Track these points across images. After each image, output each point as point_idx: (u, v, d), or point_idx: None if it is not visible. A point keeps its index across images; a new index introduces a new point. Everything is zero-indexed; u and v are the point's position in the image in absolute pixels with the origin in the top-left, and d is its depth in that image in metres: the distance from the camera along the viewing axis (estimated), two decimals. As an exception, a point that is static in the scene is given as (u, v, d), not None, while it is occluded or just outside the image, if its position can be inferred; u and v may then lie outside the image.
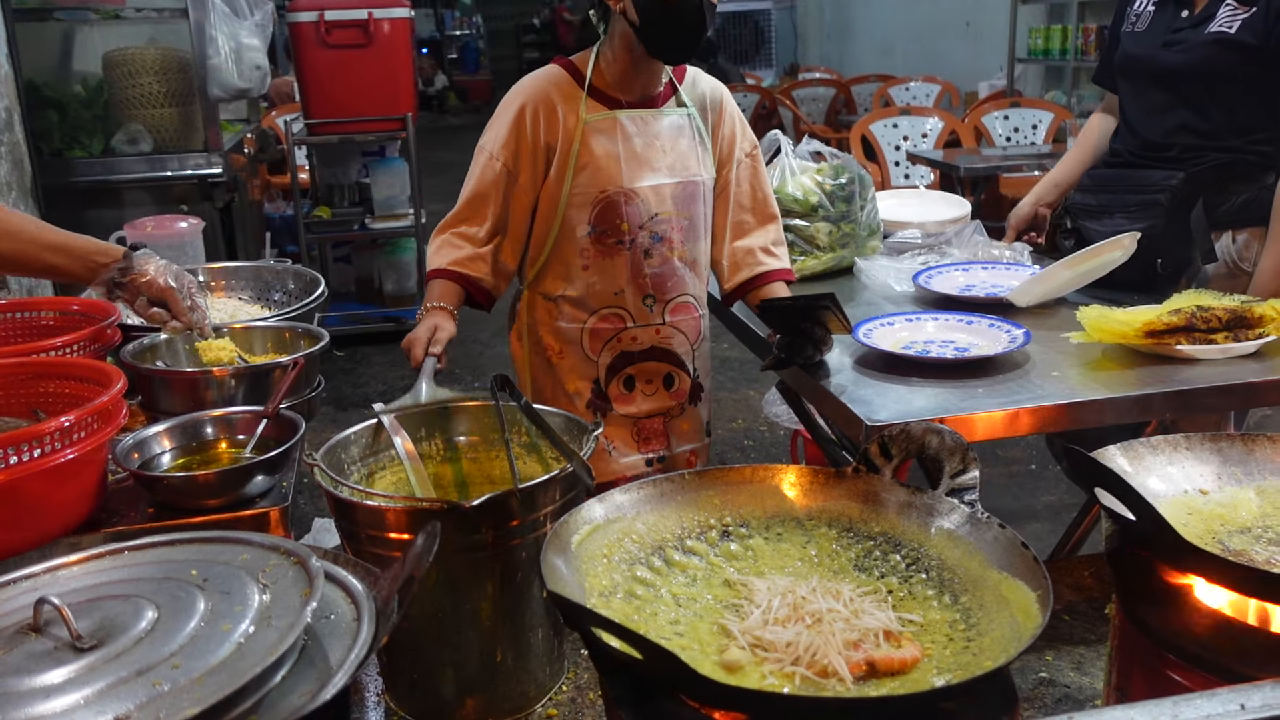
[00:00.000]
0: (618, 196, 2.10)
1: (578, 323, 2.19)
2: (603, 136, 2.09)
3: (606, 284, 2.16)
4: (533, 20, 21.77)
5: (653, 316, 2.20)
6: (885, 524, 1.34)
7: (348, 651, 1.01)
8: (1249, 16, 2.36)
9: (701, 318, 2.29)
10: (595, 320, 2.18)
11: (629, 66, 2.09)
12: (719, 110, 2.23)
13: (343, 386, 5.07)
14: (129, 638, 0.98)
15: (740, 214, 2.27)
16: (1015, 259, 2.60)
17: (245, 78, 3.99)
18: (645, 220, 2.12)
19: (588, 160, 2.08)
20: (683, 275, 2.21)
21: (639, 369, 2.22)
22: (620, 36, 2.06)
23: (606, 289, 2.16)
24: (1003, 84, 8.00)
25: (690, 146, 2.17)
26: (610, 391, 2.23)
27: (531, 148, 2.09)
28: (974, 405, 1.82)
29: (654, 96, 2.15)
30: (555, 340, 2.22)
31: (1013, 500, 3.66)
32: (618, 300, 2.17)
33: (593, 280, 2.15)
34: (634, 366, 2.22)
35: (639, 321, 2.19)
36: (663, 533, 1.31)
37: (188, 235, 2.67)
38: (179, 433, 1.69)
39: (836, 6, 11.94)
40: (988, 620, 1.16)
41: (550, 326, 2.21)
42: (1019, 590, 1.15)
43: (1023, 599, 1.13)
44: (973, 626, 1.17)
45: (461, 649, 1.55)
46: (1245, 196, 2.45)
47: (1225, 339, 1.95)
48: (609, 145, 2.09)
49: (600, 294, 2.16)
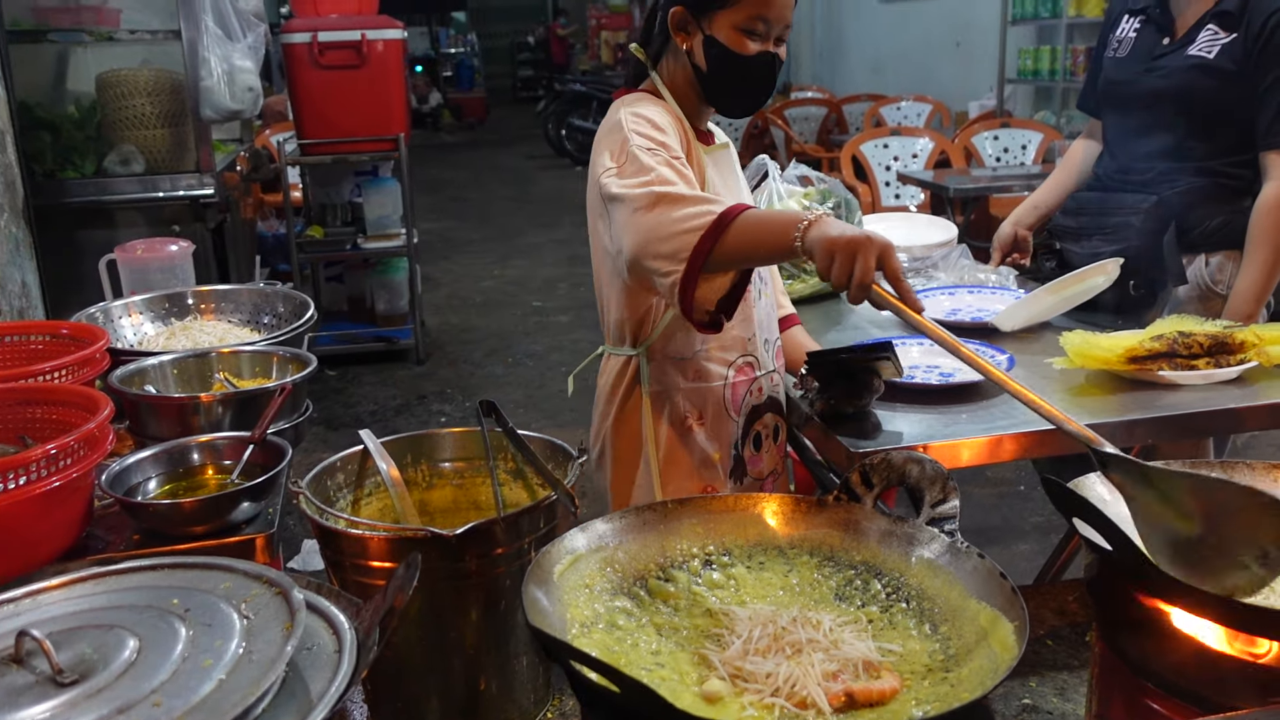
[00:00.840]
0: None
1: (719, 380, 1.89)
2: (715, 171, 1.90)
3: (743, 329, 1.90)
4: (527, 38, 21.89)
5: (769, 362, 1.97)
6: (866, 553, 1.35)
7: (329, 684, 1.02)
8: (1228, 42, 2.39)
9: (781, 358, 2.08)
10: (734, 372, 1.91)
11: (694, 106, 1.90)
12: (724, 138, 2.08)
13: (334, 406, 5.07)
14: (110, 672, 0.98)
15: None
16: (1001, 283, 2.62)
17: (238, 99, 4.00)
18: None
19: (715, 193, 1.83)
20: (775, 313, 2.05)
21: (762, 423, 1.97)
22: (684, 75, 1.87)
23: (742, 335, 1.90)
24: (993, 104, 8.04)
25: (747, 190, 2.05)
26: (745, 454, 1.95)
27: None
28: (958, 431, 1.83)
29: (710, 135, 1.98)
30: (694, 405, 1.90)
31: (1001, 521, 3.67)
32: (751, 345, 1.92)
33: (731, 327, 1.81)
34: (759, 421, 1.96)
35: (763, 369, 1.95)
36: (645, 562, 1.32)
37: (178, 259, 2.67)
38: (165, 459, 1.70)
39: (828, 26, 12.01)
40: (966, 651, 1.17)
41: (686, 391, 1.89)
42: (997, 621, 1.16)
43: (1000, 630, 1.14)
44: (951, 657, 1.17)
45: (446, 676, 1.56)
46: (1220, 219, 2.47)
47: (1207, 365, 1.97)
48: (723, 180, 1.91)
49: (738, 341, 1.90)
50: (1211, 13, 2.43)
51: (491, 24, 22.14)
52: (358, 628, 1.11)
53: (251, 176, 5.19)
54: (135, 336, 2.36)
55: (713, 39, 1.79)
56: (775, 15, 1.78)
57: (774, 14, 1.77)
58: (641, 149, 1.67)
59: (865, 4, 10.90)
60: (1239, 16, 2.37)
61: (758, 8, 1.76)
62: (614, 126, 1.76)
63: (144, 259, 2.63)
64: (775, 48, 1.82)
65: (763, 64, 1.80)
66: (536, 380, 5.34)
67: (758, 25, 1.77)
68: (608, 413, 1.94)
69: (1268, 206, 2.36)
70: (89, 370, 1.90)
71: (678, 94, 1.88)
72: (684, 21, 1.82)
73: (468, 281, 7.58)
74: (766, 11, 1.76)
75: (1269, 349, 1.99)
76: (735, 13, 1.77)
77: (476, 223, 9.83)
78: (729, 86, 1.84)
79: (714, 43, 1.79)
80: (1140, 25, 2.58)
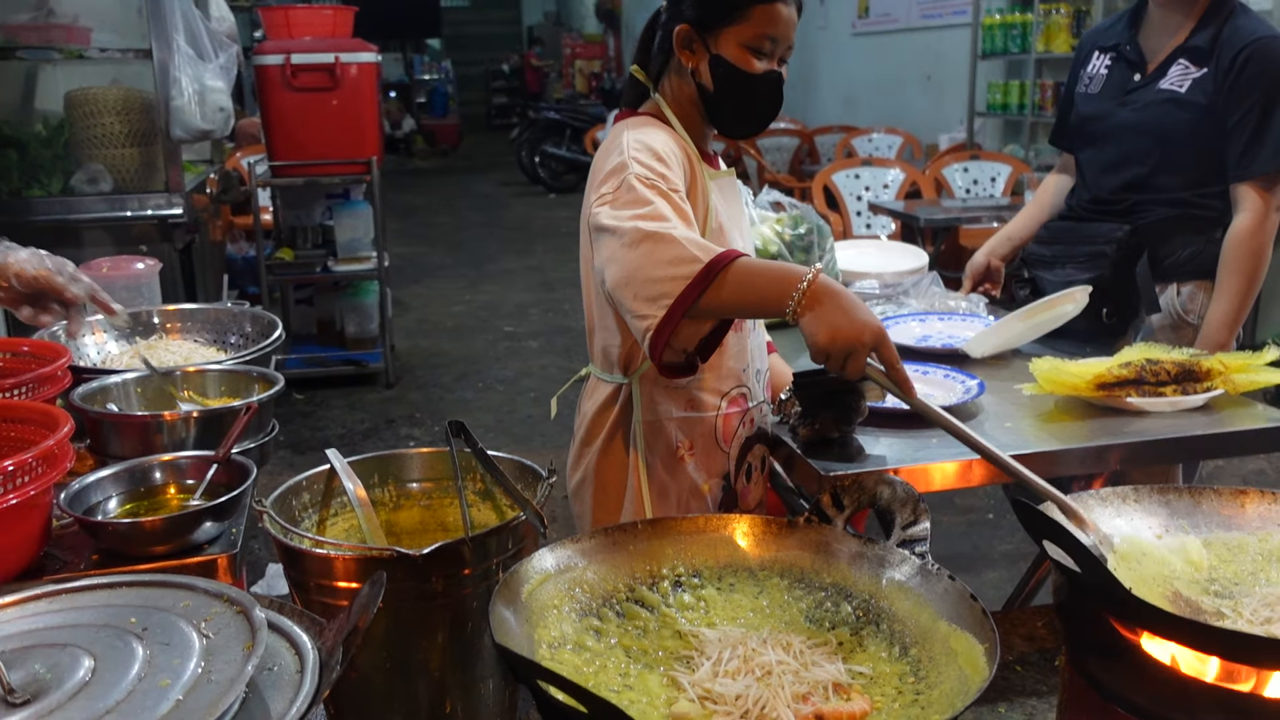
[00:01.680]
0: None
1: (711, 410, 1.86)
2: (719, 198, 1.85)
3: (738, 360, 1.88)
4: (502, 66, 21.98)
5: (760, 393, 1.95)
6: (837, 574, 1.34)
7: (289, 704, 1.00)
8: (1199, 77, 2.43)
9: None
10: (727, 404, 1.87)
11: (698, 127, 1.86)
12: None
13: (301, 430, 5.02)
14: (64, 692, 0.95)
15: None
16: (971, 310, 2.64)
17: (208, 119, 3.98)
18: None
19: (719, 222, 1.82)
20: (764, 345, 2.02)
21: (753, 454, 1.95)
22: (688, 95, 1.83)
23: (737, 366, 1.88)
24: (963, 136, 8.14)
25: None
26: (736, 487, 1.93)
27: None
28: (928, 455, 1.84)
29: (716, 158, 1.94)
30: (686, 435, 1.86)
31: (970, 548, 3.68)
32: (744, 377, 1.89)
33: (725, 356, 1.85)
34: (750, 453, 1.94)
35: (754, 400, 1.92)
36: (614, 583, 1.31)
37: (144, 277, 2.64)
38: (126, 478, 1.66)
39: (801, 58, 12.10)
40: (936, 673, 1.16)
41: (679, 420, 1.86)
42: (967, 643, 1.15)
43: (971, 652, 1.14)
44: (922, 679, 1.17)
45: (411, 700, 1.53)
46: (1192, 249, 2.50)
47: (1174, 392, 1.98)
48: (726, 207, 1.87)
49: (733, 373, 1.87)
50: (1182, 48, 2.47)
51: (466, 51, 22.21)
52: (320, 647, 1.09)
53: (221, 198, 5.16)
54: (99, 355, 2.32)
55: (719, 57, 1.76)
56: (782, 33, 1.76)
57: (781, 31, 1.76)
58: (639, 179, 1.60)
59: (838, 37, 11.03)
60: (1209, 51, 2.42)
61: (766, 25, 1.74)
62: (615, 150, 1.70)
63: (109, 276, 2.59)
64: (780, 66, 1.81)
65: (770, 82, 1.78)
66: (506, 405, 5.31)
67: (765, 44, 1.75)
68: (592, 439, 1.90)
69: (1239, 238, 2.40)
70: (50, 388, 1.86)
71: (681, 115, 1.85)
72: (689, 39, 1.79)
73: (438, 306, 7.55)
74: (774, 29, 1.75)
75: (1235, 377, 2.01)
76: (743, 30, 1.74)
77: (448, 248, 9.81)
78: (736, 106, 1.80)
79: (721, 61, 1.76)
80: (1111, 62, 2.62)
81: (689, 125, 1.84)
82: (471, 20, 23.13)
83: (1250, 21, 2.44)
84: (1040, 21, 7.36)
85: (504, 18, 23.50)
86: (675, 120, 1.83)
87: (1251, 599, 1.26)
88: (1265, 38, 2.39)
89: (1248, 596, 1.27)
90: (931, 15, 9.19)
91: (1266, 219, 2.40)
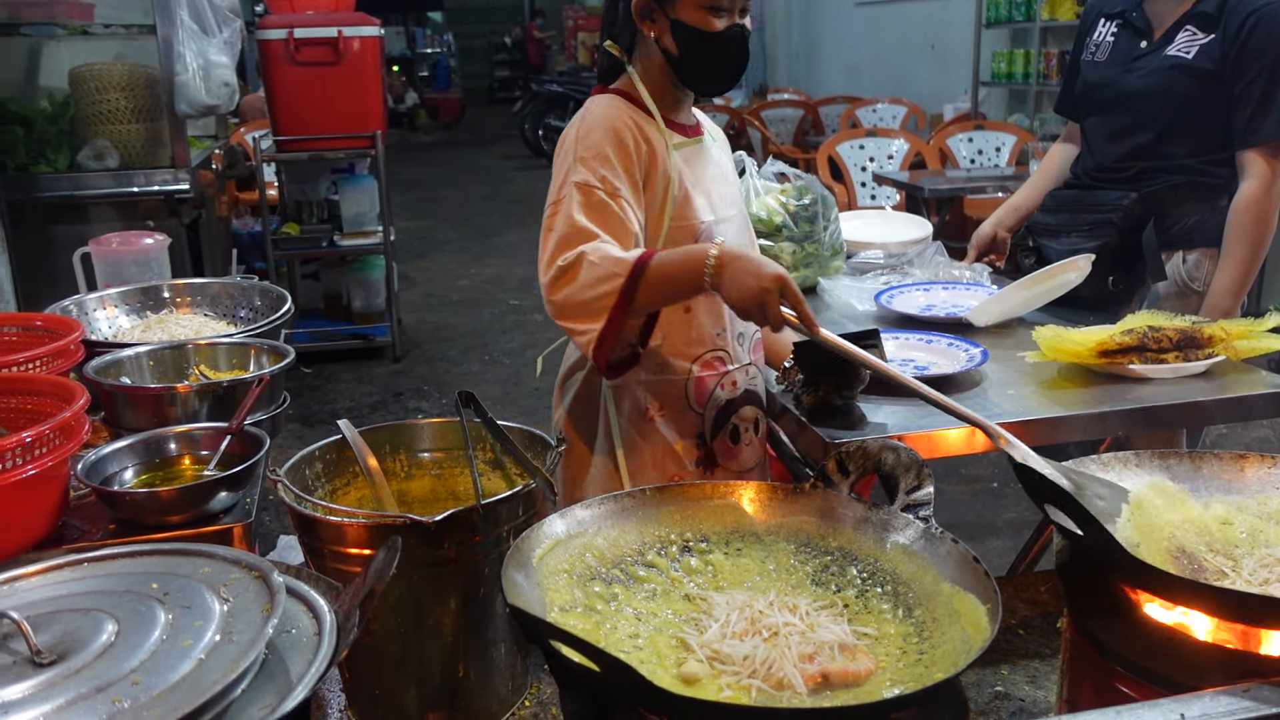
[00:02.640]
0: (713, 228, 1.88)
1: (681, 374, 1.89)
2: (688, 166, 1.88)
3: (711, 323, 1.90)
4: (504, 39, 21.86)
5: (744, 356, 1.97)
6: (842, 539, 1.37)
7: (308, 665, 1.02)
8: (1207, 43, 2.42)
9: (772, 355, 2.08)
10: (699, 367, 1.90)
11: (672, 95, 1.90)
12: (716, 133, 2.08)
13: (310, 404, 5.05)
14: (89, 653, 0.98)
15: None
16: (975, 279, 2.65)
17: (213, 94, 3.98)
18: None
19: (684, 190, 1.85)
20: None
21: (739, 417, 1.96)
22: (657, 63, 1.87)
23: (710, 329, 1.90)
24: (967, 106, 8.11)
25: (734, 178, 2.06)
26: (716, 446, 1.95)
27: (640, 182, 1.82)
28: (932, 423, 1.85)
29: (695, 126, 1.98)
30: (655, 396, 1.91)
31: (975, 516, 3.70)
32: (720, 340, 1.92)
33: (696, 322, 1.89)
34: (736, 415, 1.95)
35: (735, 362, 1.95)
36: (623, 548, 1.33)
37: (154, 252, 2.66)
38: (142, 449, 1.69)
39: (805, 29, 12.06)
40: (940, 633, 1.18)
41: (647, 382, 1.90)
42: (970, 603, 1.18)
43: (974, 612, 1.16)
44: (926, 639, 1.19)
45: (424, 664, 1.56)
46: (1198, 217, 2.50)
47: (1176, 359, 2.00)
48: (697, 174, 1.90)
49: (704, 336, 1.90)
50: (1189, 14, 2.46)
51: (468, 24, 22.09)
52: (337, 611, 1.11)
53: (227, 173, 5.16)
54: (110, 330, 2.34)
55: (679, 22, 1.79)
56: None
57: None
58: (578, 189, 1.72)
59: (841, 7, 10.96)
60: (1217, 18, 2.41)
61: None
62: (566, 150, 1.80)
63: (119, 252, 2.61)
64: (741, 19, 1.81)
65: (732, 37, 1.80)
66: (513, 378, 5.33)
67: (722, 1, 1.77)
68: (561, 400, 1.98)
69: (1245, 205, 2.40)
70: (63, 362, 1.88)
71: (654, 85, 1.87)
72: (648, 9, 1.82)
73: (444, 280, 7.56)
74: None
75: (1236, 344, 2.03)
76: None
77: (453, 222, 9.81)
78: (704, 67, 1.83)
79: (681, 25, 1.79)
80: (1118, 29, 2.61)
81: (663, 93, 1.87)
82: (474, -8, 23.02)
83: (1258, -14, 2.43)
84: (1045, -11, 7.31)
85: (506, -10, 23.38)
86: (645, 93, 1.86)
87: (1251, 560, 1.28)
88: (1274, 3, 2.38)
89: (1248, 557, 1.29)
90: (936, -16, 9.14)
91: (1273, 186, 2.40)
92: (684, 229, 1.84)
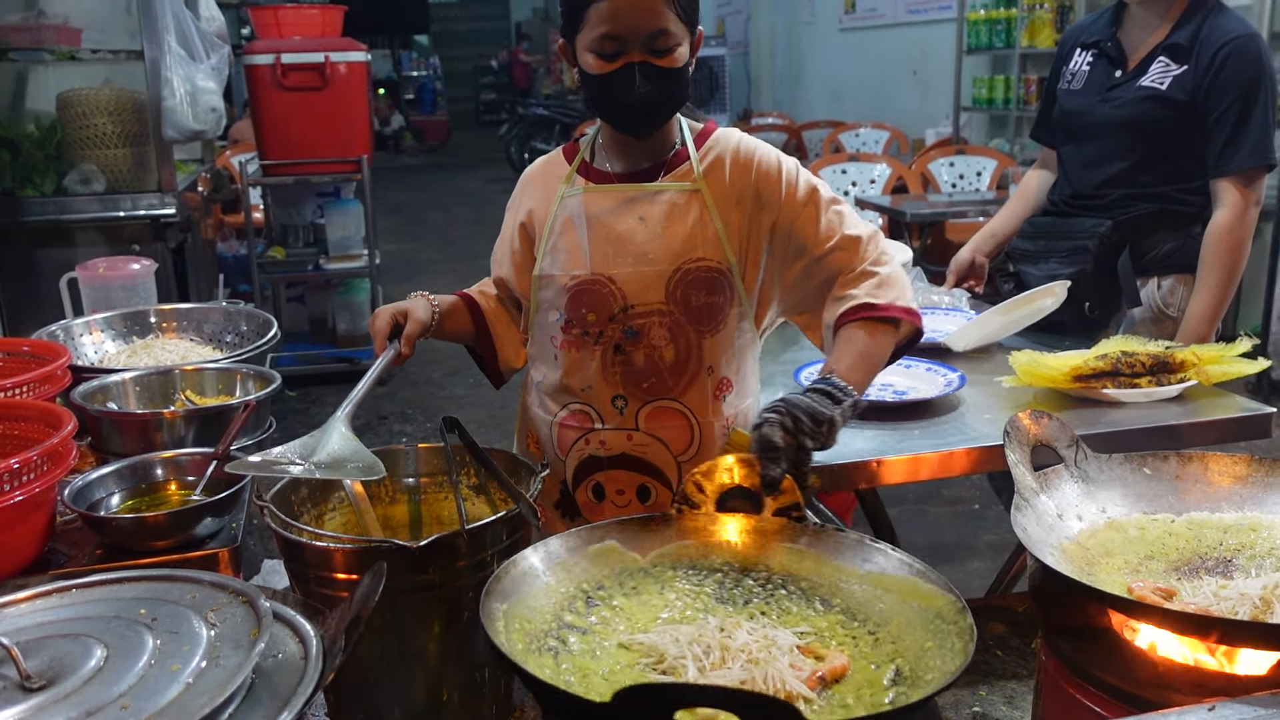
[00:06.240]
0: (586, 285, 1.80)
1: (549, 414, 1.91)
2: (574, 217, 1.81)
3: (575, 378, 1.85)
4: (490, 62, 21.97)
5: (624, 420, 1.85)
6: (725, 554, 1.39)
7: (294, 690, 1.04)
8: (1180, 74, 2.48)
9: (696, 427, 1.84)
10: (565, 414, 1.88)
11: (615, 137, 1.83)
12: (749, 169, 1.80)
13: (295, 427, 5.02)
14: (78, 677, 1.00)
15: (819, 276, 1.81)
16: (954, 304, 2.69)
17: (200, 119, 4.01)
18: (617, 312, 1.79)
19: (559, 241, 1.82)
20: (667, 377, 1.81)
21: (607, 476, 1.88)
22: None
23: (575, 383, 1.86)
24: (949, 131, 8.20)
25: (695, 226, 1.77)
26: (578, 497, 1.91)
27: (514, 244, 1.92)
28: (911, 446, 1.89)
29: (656, 166, 1.81)
30: (534, 430, 1.96)
31: (955, 539, 3.74)
32: (585, 396, 1.86)
33: (562, 372, 1.86)
34: (602, 473, 1.88)
35: (608, 423, 1.85)
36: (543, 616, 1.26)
37: (140, 276, 2.67)
38: (128, 474, 1.70)
39: (789, 54, 12.18)
40: (869, 608, 1.23)
41: (531, 414, 1.96)
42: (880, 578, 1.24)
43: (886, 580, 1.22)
44: (862, 621, 1.23)
45: (408, 688, 1.57)
46: (1172, 244, 2.55)
47: (1149, 383, 2.04)
48: (579, 226, 1.81)
49: (569, 388, 1.87)
50: (1162, 45, 2.52)
51: (454, 48, 22.20)
52: (323, 635, 1.13)
53: (212, 197, 5.18)
54: (96, 354, 2.35)
55: (579, 67, 1.75)
56: (625, 28, 1.65)
57: (623, 27, 1.65)
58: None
59: (825, 33, 11.07)
60: (1189, 49, 2.47)
61: (602, 25, 1.66)
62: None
63: (106, 277, 2.62)
64: (648, 57, 1.68)
65: (620, 79, 1.68)
66: (499, 401, 5.34)
67: (606, 45, 1.67)
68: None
69: (1218, 232, 2.45)
70: (50, 387, 1.90)
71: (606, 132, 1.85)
72: (568, 54, 1.79)
73: (430, 303, 7.56)
74: (612, 27, 1.66)
75: (1208, 368, 2.07)
76: (585, 35, 1.69)
77: (438, 245, 9.84)
78: (601, 109, 1.77)
79: (581, 70, 1.75)
80: (1093, 59, 2.67)
81: (610, 137, 1.85)
82: (460, 16, 23.12)
83: (1229, 19, 2.49)
84: (1024, 17, 7.42)
85: (492, 14, 23.48)
86: (589, 136, 1.89)
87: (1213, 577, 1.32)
88: (1244, 35, 2.44)
89: (1210, 574, 1.33)
90: (917, 10, 9.25)
91: (1245, 214, 2.45)
92: (555, 280, 1.83)
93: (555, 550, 1.34)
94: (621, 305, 1.79)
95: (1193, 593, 1.30)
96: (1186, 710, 1.07)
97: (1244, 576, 1.33)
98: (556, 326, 1.85)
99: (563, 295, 1.82)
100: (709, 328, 1.80)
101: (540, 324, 1.90)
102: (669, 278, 1.77)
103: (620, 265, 1.78)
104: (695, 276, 1.77)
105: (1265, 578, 1.29)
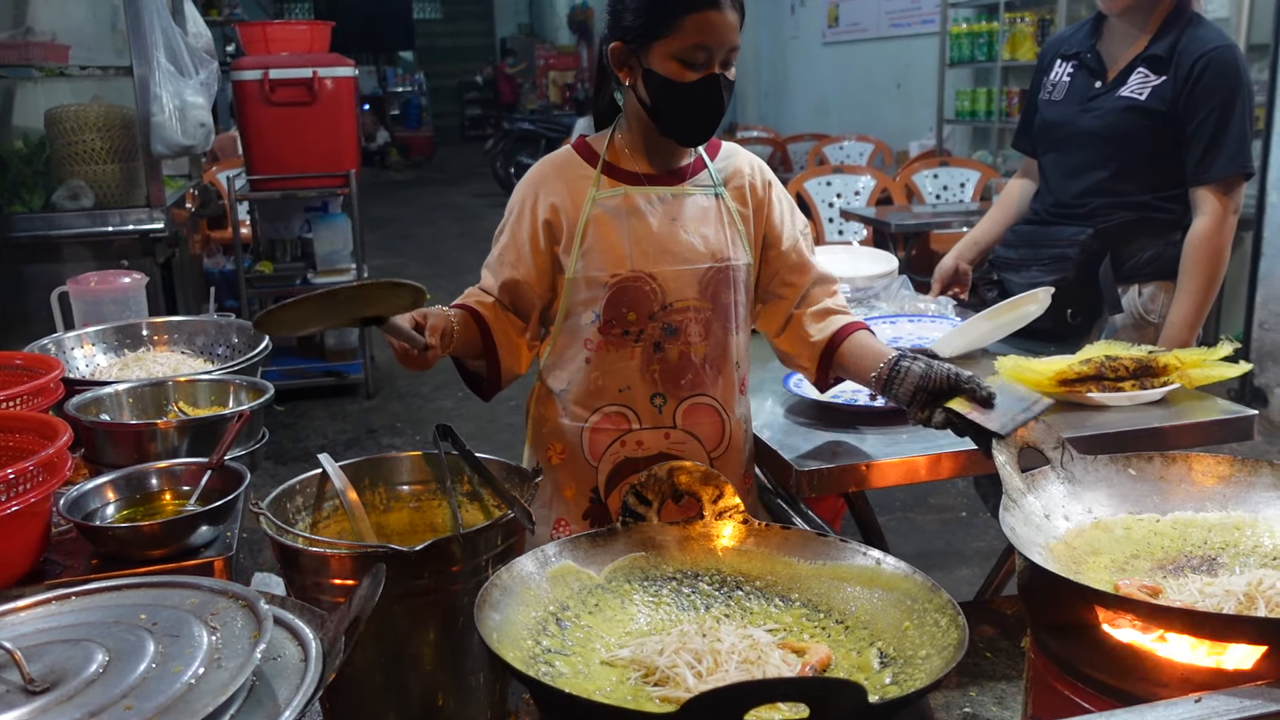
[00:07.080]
0: (628, 282, 1.84)
1: (579, 421, 1.91)
2: (612, 216, 1.84)
3: (611, 379, 1.88)
4: (475, 78, 22.02)
5: (662, 418, 1.89)
6: (675, 561, 1.40)
7: (295, 691, 1.05)
8: (1159, 84, 2.52)
9: (728, 422, 1.93)
10: (598, 418, 1.90)
11: (645, 141, 1.88)
12: (765, 188, 1.95)
13: (283, 441, 5.05)
14: (81, 680, 1.01)
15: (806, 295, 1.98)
16: (940, 312, 2.72)
17: (189, 135, 4.02)
18: (657, 310, 1.85)
19: (595, 242, 1.84)
20: (702, 373, 1.89)
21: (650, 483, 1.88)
22: (634, 109, 1.86)
23: (611, 384, 1.88)
24: (932, 143, 8.27)
25: (719, 229, 1.88)
26: (610, 504, 1.91)
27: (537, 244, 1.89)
28: (899, 450, 1.91)
29: (679, 170, 1.90)
30: (558, 440, 1.95)
31: (944, 545, 3.76)
32: (623, 398, 1.88)
33: (596, 374, 1.88)
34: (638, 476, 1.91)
35: (646, 423, 1.89)
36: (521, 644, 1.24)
37: (131, 290, 2.68)
38: (123, 484, 1.71)
39: (773, 67, 12.26)
40: (829, 599, 1.26)
41: (554, 425, 1.95)
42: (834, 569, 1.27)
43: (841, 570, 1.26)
44: (826, 612, 1.26)
45: (403, 693, 1.58)
46: (1152, 252, 2.59)
47: (1133, 387, 2.07)
48: (619, 225, 1.84)
49: (604, 389, 1.88)
50: (1141, 56, 2.56)
51: (440, 63, 22.24)
52: (322, 638, 1.14)
53: (200, 212, 5.19)
54: (88, 368, 2.36)
55: (651, 71, 1.76)
56: (716, 40, 1.73)
57: (715, 39, 1.73)
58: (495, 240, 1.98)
59: (809, 46, 11.15)
60: (1168, 60, 2.51)
61: (697, 35, 1.71)
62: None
63: (97, 291, 2.63)
64: (722, 70, 1.77)
65: (706, 88, 1.76)
66: (487, 414, 5.35)
67: (697, 55, 1.73)
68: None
69: (1199, 240, 2.48)
70: (43, 400, 1.90)
71: (634, 130, 1.88)
72: (624, 57, 1.81)
73: (417, 317, 7.57)
74: (706, 38, 1.72)
75: (1190, 372, 2.10)
76: (672, 42, 1.73)
77: (426, 259, 9.85)
78: (674, 117, 1.80)
79: (653, 75, 1.76)
80: (1073, 69, 2.71)
81: (647, 137, 1.87)
82: (444, 32, 23.18)
83: (1207, 31, 2.53)
84: (1006, 30, 7.49)
85: (477, 29, 23.55)
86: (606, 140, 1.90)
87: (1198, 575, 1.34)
88: (1221, 47, 2.48)
89: (1195, 572, 1.35)
90: (900, 25, 9.33)
91: (1225, 222, 2.49)
92: (593, 280, 1.85)
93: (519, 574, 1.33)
94: (661, 303, 1.85)
95: (1178, 590, 1.32)
96: (1174, 703, 1.09)
97: (1228, 574, 1.36)
98: (592, 328, 1.87)
99: (602, 295, 1.85)
100: (735, 325, 1.91)
101: (570, 328, 1.91)
102: (703, 275, 1.86)
103: (661, 263, 1.84)
104: (724, 275, 1.87)
105: (1249, 574, 1.31)
